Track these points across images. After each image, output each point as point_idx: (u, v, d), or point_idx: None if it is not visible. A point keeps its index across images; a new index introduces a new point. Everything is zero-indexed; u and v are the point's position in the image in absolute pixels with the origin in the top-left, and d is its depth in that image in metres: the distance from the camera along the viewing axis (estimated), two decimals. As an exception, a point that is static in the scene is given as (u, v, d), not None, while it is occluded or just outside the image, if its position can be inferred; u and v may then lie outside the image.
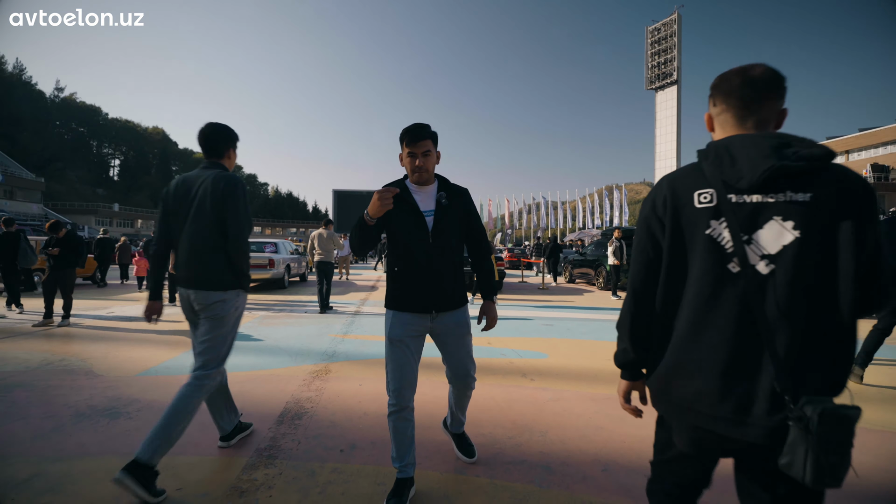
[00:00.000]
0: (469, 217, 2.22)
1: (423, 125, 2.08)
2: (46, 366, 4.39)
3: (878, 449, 2.77)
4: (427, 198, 2.13)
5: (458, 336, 2.19)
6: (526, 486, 2.28)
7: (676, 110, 70.64)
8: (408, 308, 2.09)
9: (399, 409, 2.07)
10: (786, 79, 1.15)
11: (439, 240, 2.07)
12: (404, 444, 2.10)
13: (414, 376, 2.12)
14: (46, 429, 2.91)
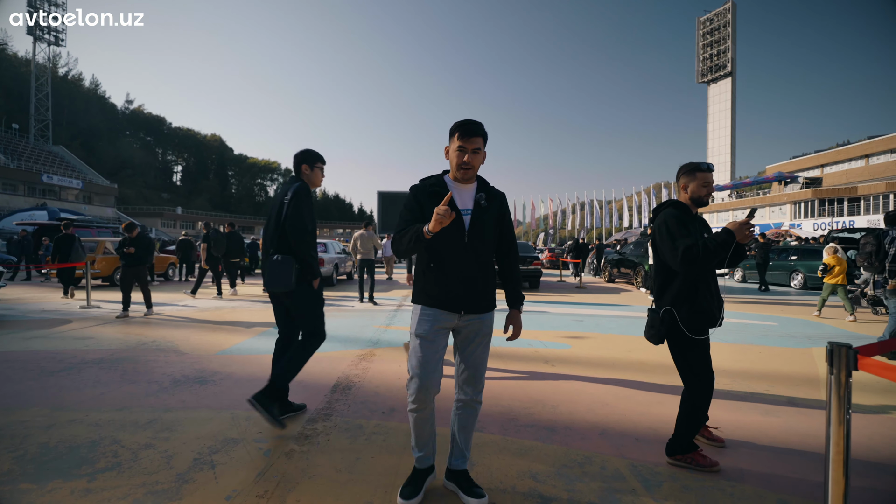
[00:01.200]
0: (503, 222, 2.20)
1: (478, 122, 2.04)
2: (142, 346, 5.28)
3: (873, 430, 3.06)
4: (466, 197, 2.09)
5: (479, 341, 2.12)
6: (531, 442, 2.78)
7: (731, 104, 67.58)
8: (437, 305, 2.05)
9: (420, 408, 2.06)
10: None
11: (474, 240, 2.05)
12: (424, 437, 2.14)
13: (439, 374, 2.07)
14: (153, 390, 3.68)
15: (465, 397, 2.14)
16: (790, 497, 2.19)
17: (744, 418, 3.21)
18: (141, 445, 2.66)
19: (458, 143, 2.02)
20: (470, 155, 2.01)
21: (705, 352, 2.49)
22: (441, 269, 2.04)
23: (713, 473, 2.41)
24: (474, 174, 2.10)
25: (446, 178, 2.14)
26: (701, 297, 2.44)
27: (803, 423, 3.16)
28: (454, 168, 2.07)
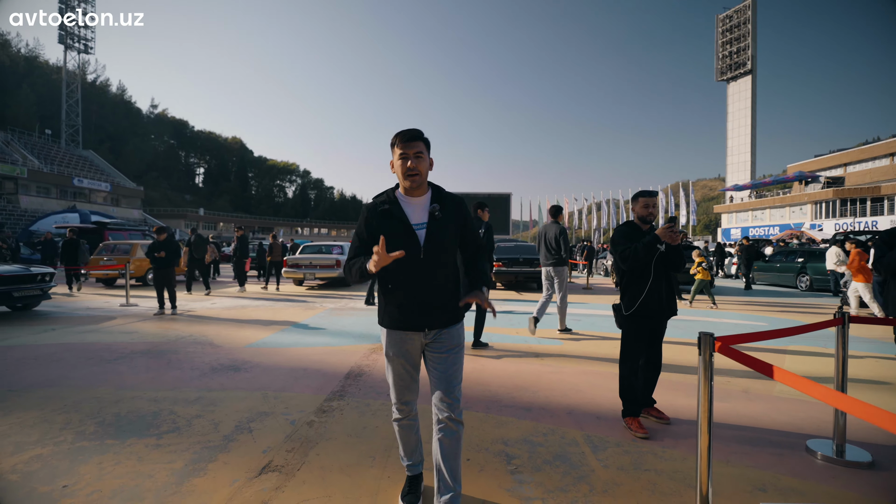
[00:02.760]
0: (465, 228, 2.09)
1: (417, 129, 1.99)
2: (180, 339, 5.99)
3: (791, 411, 3.55)
4: (419, 210, 2.01)
5: (447, 353, 2.03)
6: (508, 419, 3.36)
7: (751, 102, 66.57)
8: (400, 326, 2.02)
9: (402, 417, 2.17)
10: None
11: (431, 254, 1.96)
12: (410, 446, 2.24)
13: (415, 385, 2.15)
14: (196, 375, 4.36)
15: (443, 415, 1.97)
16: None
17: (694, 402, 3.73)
18: (192, 416, 3.32)
19: (399, 150, 1.96)
20: (413, 160, 1.94)
21: (637, 337, 3.20)
22: (398, 289, 1.99)
23: (652, 441, 2.96)
24: (423, 181, 2.00)
25: (397, 194, 2.05)
26: (641, 291, 3.12)
27: (749, 407, 3.66)
28: (401, 177, 1.99)
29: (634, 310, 3.17)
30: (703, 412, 1.99)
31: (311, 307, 9.29)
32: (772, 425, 3.29)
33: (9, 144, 48.34)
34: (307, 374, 4.41)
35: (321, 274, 13.03)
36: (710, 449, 1.99)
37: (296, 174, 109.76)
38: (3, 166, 42.05)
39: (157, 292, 8.24)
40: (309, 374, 4.44)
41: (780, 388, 4.11)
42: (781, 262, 15.86)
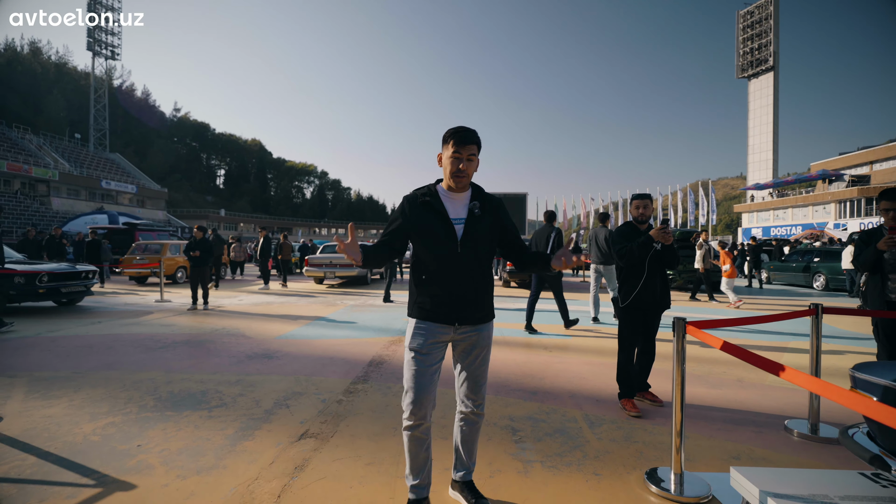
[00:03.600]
0: (505, 230, 2.14)
1: (472, 130, 2.00)
2: (215, 331, 6.50)
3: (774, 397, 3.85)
4: (459, 206, 2.05)
5: (476, 353, 2.07)
6: (515, 400, 3.72)
7: (773, 99, 65.38)
8: (431, 318, 2.01)
9: (415, 425, 1.99)
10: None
11: (468, 250, 1.99)
12: (419, 462, 2.04)
13: (433, 390, 2.02)
14: (234, 362, 4.82)
15: (466, 409, 2.11)
16: (693, 434, 3.06)
17: (692, 390, 4.04)
18: (236, 394, 3.77)
19: (453, 150, 1.99)
20: (465, 162, 1.98)
21: (632, 326, 3.58)
22: (433, 281, 2.00)
23: (644, 419, 3.31)
24: (468, 182, 2.06)
25: (438, 188, 2.09)
26: (636, 285, 3.47)
27: (740, 394, 3.96)
28: (448, 176, 2.03)
29: (629, 302, 3.52)
30: (677, 384, 2.34)
31: (332, 304, 9.77)
32: (757, 409, 3.60)
33: (41, 148, 50.26)
34: (333, 362, 4.84)
35: (341, 273, 13.54)
36: (683, 406, 2.33)
37: (314, 175, 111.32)
38: (36, 170, 43.77)
39: (192, 289, 8.80)
40: (335, 361, 4.87)
41: (773, 379, 4.39)
42: (797, 261, 15.85)
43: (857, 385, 1.92)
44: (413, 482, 2.06)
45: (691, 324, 2.36)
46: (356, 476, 2.44)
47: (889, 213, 3.39)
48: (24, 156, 45.36)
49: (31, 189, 44.43)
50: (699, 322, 2.40)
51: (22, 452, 2.69)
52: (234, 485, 2.34)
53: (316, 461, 2.62)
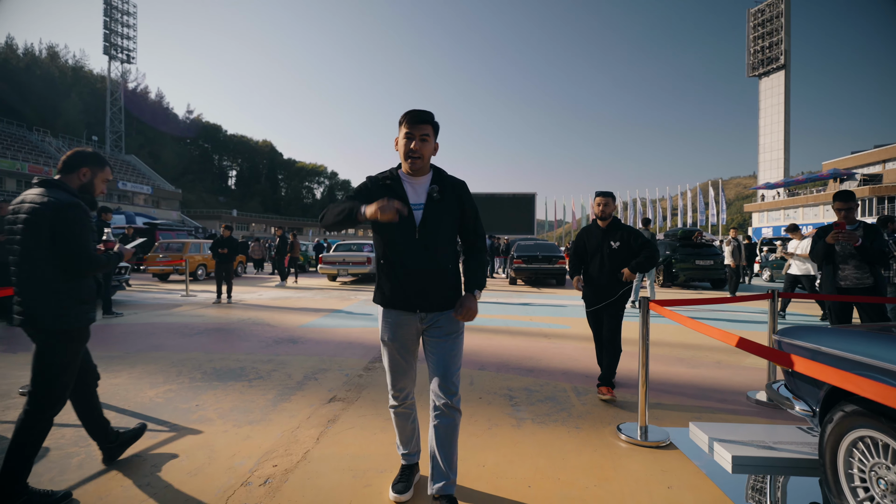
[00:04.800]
0: (465, 212, 2.07)
1: (426, 111, 1.96)
2: (242, 321, 7.08)
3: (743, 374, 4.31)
4: (419, 190, 2.00)
5: (444, 338, 2.01)
6: (513, 376, 4.24)
7: (784, 98, 64.99)
8: (394, 305, 2.02)
9: (398, 404, 2.16)
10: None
11: (427, 236, 1.95)
12: (406, 434, 2.23)
13: (412, 372, 2.14)
14: (263, 345, 5.39)
15: (439, 402, 1.95)
16: (666, 402, 3.54)
17: (674, 370, 4.52)
18: (269, 370, 4.32)
19: (405, 129, 1.94)
20: (418, 142, 1.93)
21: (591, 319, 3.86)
22: (392, 268, 1.99)
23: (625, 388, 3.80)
24: (425, 164, 2.00)
25: (399, 172, 2.05)
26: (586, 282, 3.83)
27: (715, 373, 4.43)
28: (402, 157, 1.99)
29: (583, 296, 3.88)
30: (642, 353, 2.84)
31: (346, 298, 10.34)
32: (728, 384, 4.08)
33: (60, 151, 51.61)
34: (352, 346, 5.39)
35: (353, 270, 14.13)
36: (647, 372, 2.83)
37: (324, 176, 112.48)
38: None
39: (217, 283, 9.42)
40: (353, 346, 5.42)
41: (749, 361, 4.85)
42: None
43: (781, 346, 2.41)
44: (403, 451, 2.26)
45: (654, 302, 2.86)
46: (378, 427, 2.98)
47: (841, 213, 3.89)
48: (44, 158, 46.69)
49: (51, 190, 45.69)
50: (662, 300, 2.90)
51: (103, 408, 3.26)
52: (280, 431, 2.88)
53: (344, 416, 3.16)
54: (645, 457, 2.63)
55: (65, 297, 2.10)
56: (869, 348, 1.86)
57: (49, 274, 2.07)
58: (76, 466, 2.43)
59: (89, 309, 2.21)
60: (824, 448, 1.98)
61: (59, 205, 2.05)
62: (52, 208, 2.04)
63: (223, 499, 2.12)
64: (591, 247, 3.77)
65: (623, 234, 3.66)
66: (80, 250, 2.08)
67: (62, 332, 2.10)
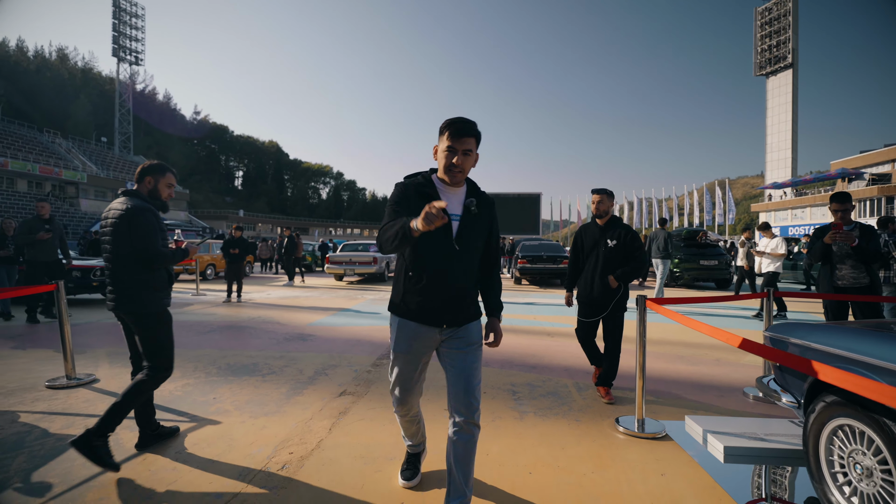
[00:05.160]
0: (492, 230, 2.07)
1: (471, 121, 1.88)
2: (252, 319, 7.26)
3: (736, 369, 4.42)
4: (455, 201, 1.94)
5: (467, 353, 1.95)
6: (517, 372, 4.37)
7: (792, 96, 64.61)
8: (417, 318, 1.93)
9: (403, 414, 2.17)
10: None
11: (463, 248, 1.91)
12: (411, 431, 2.30)
13: (419, 387, 2.09)
14: (274, 342, 5.55)
15: (460, 419, 1.88)
16: (664, 397, 3.67)
17: (675, 367, 4.64)
18: (281, 366, 4.48)
19: (448, 142, 1.86)
20: (460, 157, 1.86)
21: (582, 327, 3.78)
22: (422, 279, 1.89)
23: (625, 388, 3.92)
24: (464, 178, 1.95)
25: (434, 178, 1.98)
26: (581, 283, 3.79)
27: (715, 370, 4.54)
28: (442, 169, 1.91)
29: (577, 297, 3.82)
30: (639, 350, 2.97)
31: (353, 298, 10.51)
32: (726, 380, 4.19)
33: (70, 152, 52.24)
34: (360, 343, 5.54)
35: (360, 269, 14.31)
36: (644, 367, 2.96)
37: (329, 176, 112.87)
38: (66, 172, 45.60)
39: (227, 283, 9.62)
40: (361, 343, 5.58)
41: (750, 359, 4.96)
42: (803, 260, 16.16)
43: (770, 342, 2.53)
44: (408, 443, 2.35)
45: (651, 300, 2.98)
46: (387, 419, 3.13)
47: (838, 214, 4.00)
48: (54, 159, 47.27)
49: (61, 191, 46.25)
50: (657, 299, 3.03)
51: (125, 401, 3.44)
52: (294, 422, 3.04)
53: (355, 409, 3.31)
54: (641, 447, 2.76)
55: (143, 286, 2.54)
56: (849, 343, 1.98)
57: (131, 268, 2.52)
58: (106, 453, 2.60)
59: (164, 296, 2.65)
60: (808, 437, 2.11)
61: (133, 210, 2.50)
62: (128, 213, 2.50)
63: (245, 482, 2.28)
64: (588, 244, 3.73)
65: (621, 232, 3.61)
66: (149, 246, 2.50)
67: (145, 314, 2.55)
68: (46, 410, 3.26)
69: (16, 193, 40.50)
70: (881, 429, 1.74)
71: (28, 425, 2.99)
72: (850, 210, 4.06)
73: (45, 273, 6.78)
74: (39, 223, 6.78)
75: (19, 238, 6.73)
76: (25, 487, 2.22)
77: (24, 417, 3.12)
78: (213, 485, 2.25)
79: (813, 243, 4.15)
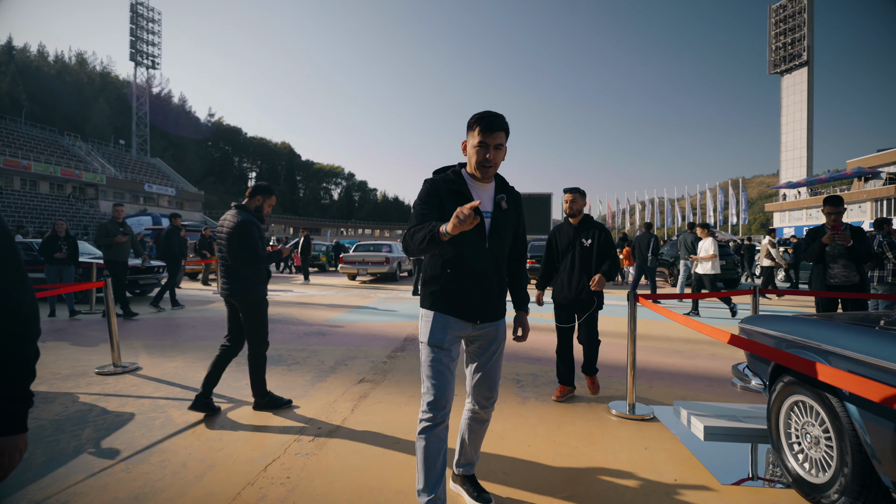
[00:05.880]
0: (520, 224, 2.10)
1: (501, 115, 1.87)
2: (273, 317, 7.67)
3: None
4: (485, 196, 1.95)
5: (494, 348, 2.01)
6: (521, 364, 4.71)
7: (807, 95, 63.83)
8: (453, 312, 1.92)
9: (435, 424, 1.85)
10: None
11: (495, 244, 1.93)
12: (435, 471, 1.85)
13: (453, 387, 1.94)
14: (295, 337, 5.95)
15: (479, 408, 2.04)
16: (656, 386, 3.97)
17: (671, 360, 4.94)
18: (304, 357, 4.87)
19: (479, 138, 1.85)
20: (492, 152, 1.86)
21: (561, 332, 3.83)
22: (458, 275, 1.89)
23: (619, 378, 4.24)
24: (495, 172, 1.95)
25: (464, 173, 1.98)
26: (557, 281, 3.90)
27: (709, 364, 4.83)
28: (473, 165, 1.91)
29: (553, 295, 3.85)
30: (630, 341, 3.29)
31: (367, 296, 10.91)
32: (717, 372, 4.49)
33: (90, 154, 53.57)
34: (375, 338, 5.92)
35: (373, 269, 14.72)
36: (635, 357, 3.28)
37: (341, 177, 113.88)
38: (86, 174, 46.84)
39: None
40: (377, 338, 5.95)
41: (741, 355, 5.22)
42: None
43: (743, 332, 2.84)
44: (426, 498, 1.82)
45: (641, 295, 3.30)
46: (403, 402, 3.49)
47: (831, 217, 4.28)
48: (75, 161, 48.55)
49: (81, 192, 47.49)
50: (648, 294, 3.35)
51: (167, 385, 3.86)
52: (320, 404, 3.41)
53: (374, 394, 3.67)
54: (630, 427, 3.08)
55: (249, 279, 3.26)
56: (802, 331, 2.29)
57: (240, 265, 3.25)
58: (159, 426, 3.00)
59: (263, 287, 3.36)
60: (770, 413, 2.42)
61: (242, 223, 3.21)
62: (238, 225, 3.20)
63: (282, 449, 2.65)
64: (563, 245, 3.72)
65: (595, 231, 3.63)
66: (253, 251, 3.22)
67: (251, 300, 3.26)
68: (101, 393, 3.68)
69: (38, 195, 41.72)
70: (824, 403, 2.05)
71: (88, 405, 3.40)
72: (842, 213, 4.32)
73: (124, 272, 7.44)
74: (115, 226, 7.29)
75: (99, 240, 7.26)
76: (97, 452, 2.62)
77: (83, 398, 3.54)
78: (255, 451, 2.63)
79: (807, 244, 4.43)
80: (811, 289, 4.43)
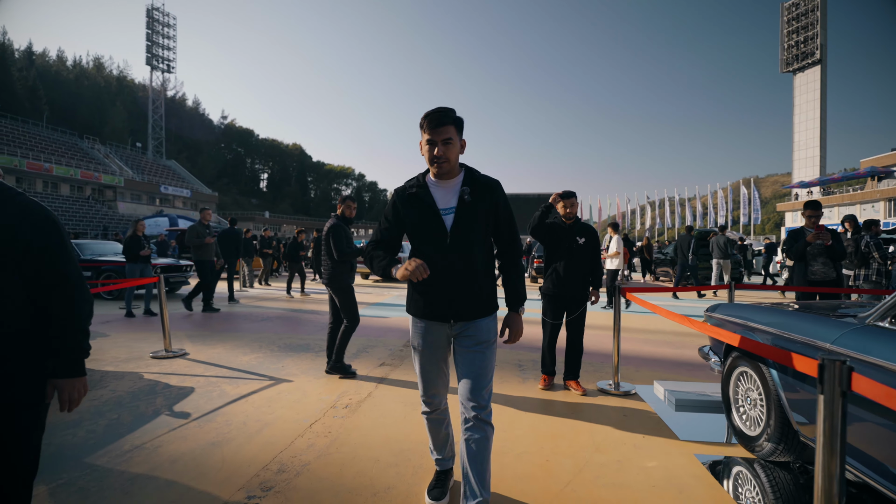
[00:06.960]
0: (499, 215, 2.00)
1: (446, 109, 1.89)
2: (296, 311, 8.30)
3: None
4: (448, 194, 1.93)
5: (476, 349, 1.93)
6: (524, 352, 5.24)
7: (820, 93, 63.24)
8: (425, 315, 1.96)
9: (431, 410, 2.11)
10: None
11: (459, 241, 1.89)
12: (440, 440, 2.20)
13: (444, 378, 2.06)
14: (319, 329, 6.54)
15: (469, 414, 1.87)
16: (643, 370, 4.48)
17: (661, 350, 5.44)
18: (329, 346, 5.45)
19: (427, 135, 1.87)
20: (441, 147, 1.86)
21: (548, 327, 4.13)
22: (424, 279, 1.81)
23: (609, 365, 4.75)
24: (453, 167, 1.93)
25: (427, 178, 1.98)
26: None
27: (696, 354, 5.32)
28: (428, 163, 1.93)
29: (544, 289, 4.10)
30: (615, 331, 3.81)
31: (381, 293, 11.51)
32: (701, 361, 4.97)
33: (108, 157, 54.97)
34: (391, 330, 6.49)
35: (385, 269, 15.37)
36: (619, 344, 3.80)
37: (351, 177, 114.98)
38: (105, 177, 48.14)
39: (289, 280, 11.32)
40: (393, 330, 6.52)
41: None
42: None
43: (708, 319, 3.36)
44: (437, 456, 2.25)
45: (626, 288, 3.83)
46: (419, 381, 4.04)
47: (811, 219, 4.79)
48: (94, 164, 49.90)
49: (99, 194, 48.80)
50: (632, 288, 3.87)
51: (215, 367, 4.46)
52: (348, 382, 3.99)
53: (393, 374, 4.25)
54: (612, 400, 3.61)
55: (339, 270, 4.19)
56: (745, 315, 2.81)
57: (334, 260, 4.15)
58: (217, 397, 3.59)
59: (350, 276, 4.29)
60: (723, 383, 2.94)
61: (333, 227, 4.15)
62: (331, 228, 4.16)
63: (322, 413, 3.23)
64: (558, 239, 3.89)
65: (588, 231, 3.89)
66: (338, 247, 4.08)
67: (342, 287, 4.21)
68: (160, 371, 4.30)
69: (59, 197, 43.00)
70: (759, 371, 2.56)
71: (152, 381, 4.01)
72: (821, 216, 4.88)
73: (211, 270, 8.01)
74: (204, 228, 7.92)
75: (191, 241, 7.81)
76: (172, 414, 3.22)
77: (147, 377, 4.15)
78: (300, 414, 3.21)
79: (791, 244, 4.93)
80: (795, 284, 4.93)
